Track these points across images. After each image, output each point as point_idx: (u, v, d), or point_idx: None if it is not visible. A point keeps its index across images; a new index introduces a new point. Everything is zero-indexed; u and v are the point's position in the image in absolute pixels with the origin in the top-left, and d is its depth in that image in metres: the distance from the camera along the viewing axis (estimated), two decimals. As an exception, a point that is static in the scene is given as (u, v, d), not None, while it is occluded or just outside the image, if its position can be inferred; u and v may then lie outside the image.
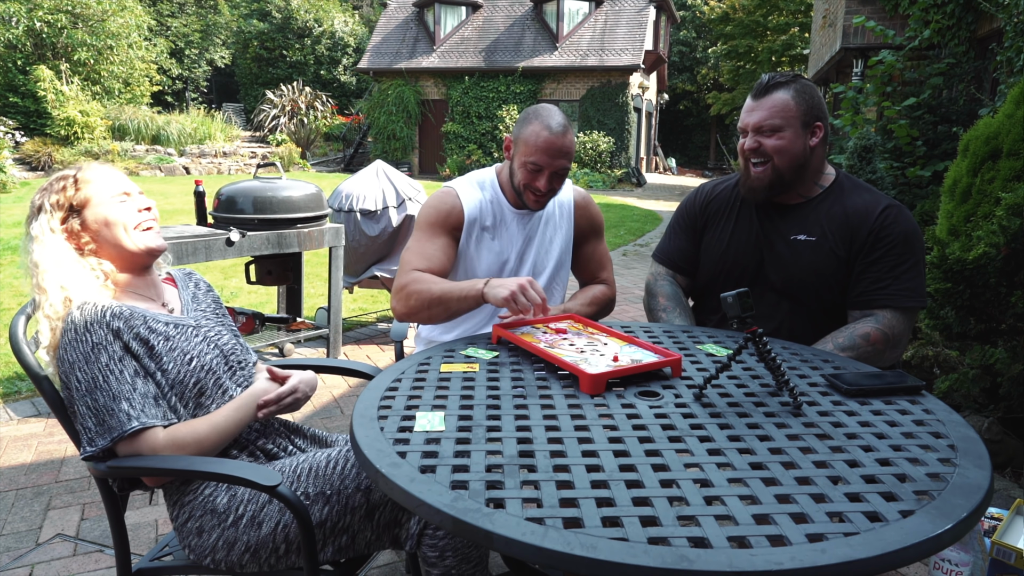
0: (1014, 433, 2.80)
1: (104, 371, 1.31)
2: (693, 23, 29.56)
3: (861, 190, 1.86)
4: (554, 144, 1.81)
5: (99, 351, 1.31)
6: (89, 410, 1.30)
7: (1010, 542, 1.87)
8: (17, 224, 8.69)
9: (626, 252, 8.42)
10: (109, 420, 1.30)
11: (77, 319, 1.32)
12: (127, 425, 1.30)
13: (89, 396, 1.30)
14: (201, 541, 1.38)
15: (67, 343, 1.32)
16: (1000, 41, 5.24)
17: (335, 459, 1.46)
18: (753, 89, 1.83)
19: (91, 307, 1.34)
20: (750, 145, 1.80)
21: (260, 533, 1.37)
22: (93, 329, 1.32)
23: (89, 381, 1.30)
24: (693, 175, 24.69)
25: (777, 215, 1.89)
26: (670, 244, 2.11)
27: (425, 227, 1.93)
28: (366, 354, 4.24)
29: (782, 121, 1.76)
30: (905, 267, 1.76)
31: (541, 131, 1.81)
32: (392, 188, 4.16)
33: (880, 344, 1.72)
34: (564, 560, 0.84)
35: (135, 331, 1.37)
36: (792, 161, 1.78)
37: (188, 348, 1.45)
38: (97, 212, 1.43)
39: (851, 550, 0.84)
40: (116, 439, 1.30)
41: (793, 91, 1.76)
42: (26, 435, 3.03)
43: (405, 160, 20.33)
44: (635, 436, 1.16)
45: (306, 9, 25.14)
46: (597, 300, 2.04)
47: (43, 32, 16.80)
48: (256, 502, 1.39)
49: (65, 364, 1.32)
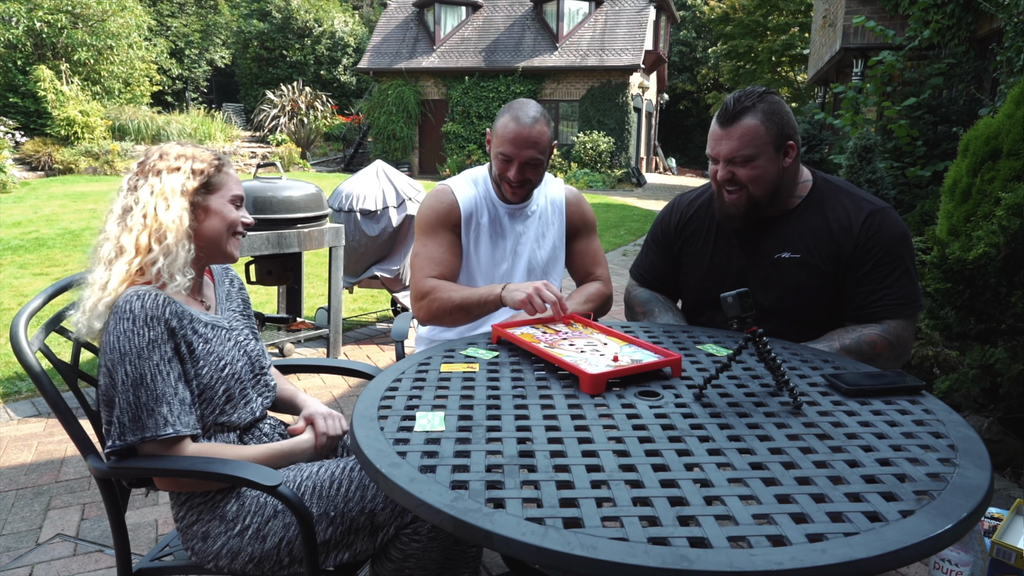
0: (1014, 433, 2.80)
1: (153, 370, 1.28)
2: (693, 23, 29.57)
3: (841, 195, 1.80)
4: (521, 134, 1.86)
5: (153, 348, 1.28)
6: (128, 405, 1.27)
7: (1010, 542, 1.87)
8: (17, 224, 8.70)
9: (626, 252, 8.42)
10: (146, 420, 1.27)
11: (136, 309, 1.28)
12: (162, 430, 1.28)
13: (132, 391, 1.27)
14: (206, 546, 1.37)
15: (122, 332, 1.27)
16: (1000, 41, 5.25)
17: (339, 479, 1.41)
18: (719, 114, 1.72)
19: (151, 299, 1.30)
20: (723, 176, 1.73)
21: (264, 547, 1.36)
22: (152, 324, 1.28)
23: (136, 377, 1.27)
24: (693, 175, 24.68)
25: (757, 233, 1.82)
26: (644, 260, 2.09)
27: (427, 229, 1.98)
28: (366, 354, 4.24)
29: (754, 150, 1.68)
30: (897, 275, 1.72)
31: (510, 122, 1.88)
32: (392, 188, 4.16)
33: (885, 352, 1.69)
34: (564, 560, 0.84)
35: (184, 332, 1.35)
36: (767, 187, 1.72)
37: (222, 353, 1.42)
38: (222, 201, 1.42)
39: (851, 550, 0.84)
40: (147, 440, 1.28)
41: (761, 115, 1.67)
42: (26, 435, 3.03)
43: (405, 160, 20.33)
44: (635, 436, 1.16)
45: (306, 9, 25.13)
46: (593, 297, 2.05)
47: (43, 32, 16.79)
48: (262, 515, 1.37)
49: (115, 353, 1.27)
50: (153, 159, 1.39)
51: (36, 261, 6.70)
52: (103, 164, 15.55)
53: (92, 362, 3.89)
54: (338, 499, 1.39)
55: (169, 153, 1.40)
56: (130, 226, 1.34)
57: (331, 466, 1.45)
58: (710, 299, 1.88)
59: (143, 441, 1.28)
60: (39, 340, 1.40)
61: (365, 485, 1.41)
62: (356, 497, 1.40)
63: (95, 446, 1.39)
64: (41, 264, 6.58)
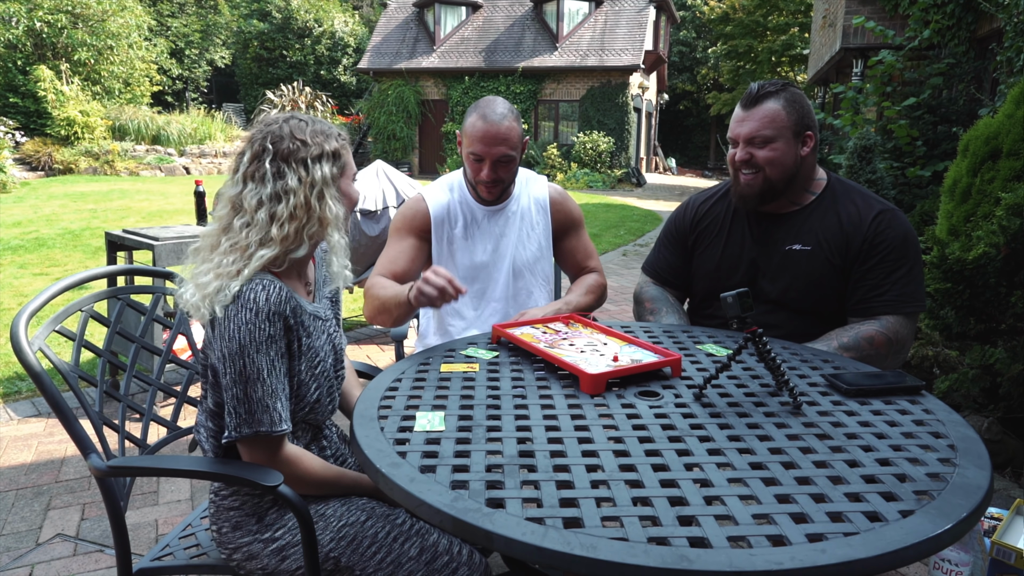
0: (1014, 433, 2.80)
1: (269, 365, 1.26)
2: (693, 23, 29.56)
3: (853, 195, 1.84)
4: (489, 132, 1.83)
5: (270, 344, 1.26)
6: (245, 397, 1.25)
7: (1010, 542, 1.87)
8: (17, 224, 8.70)
9: (626, 252, 8.41)
10: (260, 415, 1.26)
11: (261, 302, 1.25)
12: (277, 427, 1.27)
13: (249, 384, 1.25)
14: (233, 536, 1.36)
15: (243, 323, 1.24)
16: (1000, 41, 5.25)
17: (380, 543, 1.35)
18: (742, 98, 1.80)
19: (276, 293, 1.27)
20: (741, 156, 1.78)
21: (280, 566, 1.35)
22: (273, 320, 1.26)
23: (254, 371, 1.25)
24: (693, 175, 24.68)
25: (771, 225, 1.87)
26: (657, 257, 2.11)
27: (393, 232, 2.00)
28: (366, 354, 4.24)
29: (773, 132, 1.74)
30: (901, 272, 1.75)
31: (478, 121, 1.86)
32: (392, 188, 4.16)
33: (883, 348, 1.71)
34: (564, 560, 0.84)
35: (296, 329, 1.32)
36: (784, 172, 1.77)
37: (317, 348, 1.38)
38: (349, 182, 1.39)
39: (851, 550, 0.84)
40: (261, 435, 1.27)
41: (783, 100, 1.74)
42: (26, 435, 3.03)
43: (405, 160, 20.33)
44: (635, 436, 1.16)
45: (306, 9, 25.14)
46: (593, 288, 2.05)
47: (43, 32, 16.79)
48: (292, 536, 1.35)
49: (234, 343, 1.24)
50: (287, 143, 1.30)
51: (36, 261, 6.70)
52: (103, 164, 15.54)
53: (92, 362, 3.89)
54: (370, 563, 1.33)
55: (306, 134, 1.32)
56: (280, 218, 1.29)
57: (380, 526, 1.38)
58: (720, 290, 1.90)
59: (257, 436, 1.27)
60: (40, 340, 1.40)
61: (400, 563, 1.34)
62: (387, 568, 1.34)
63: (95, 446, 1.39)
64: (41, 264, 6.58)
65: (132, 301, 1.64)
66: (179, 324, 1.73)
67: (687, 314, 2.06)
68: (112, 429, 1.50)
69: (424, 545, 1.36)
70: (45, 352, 1.39)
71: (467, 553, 1.38)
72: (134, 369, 1.60)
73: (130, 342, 1.62)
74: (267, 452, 1.30)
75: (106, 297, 1.60)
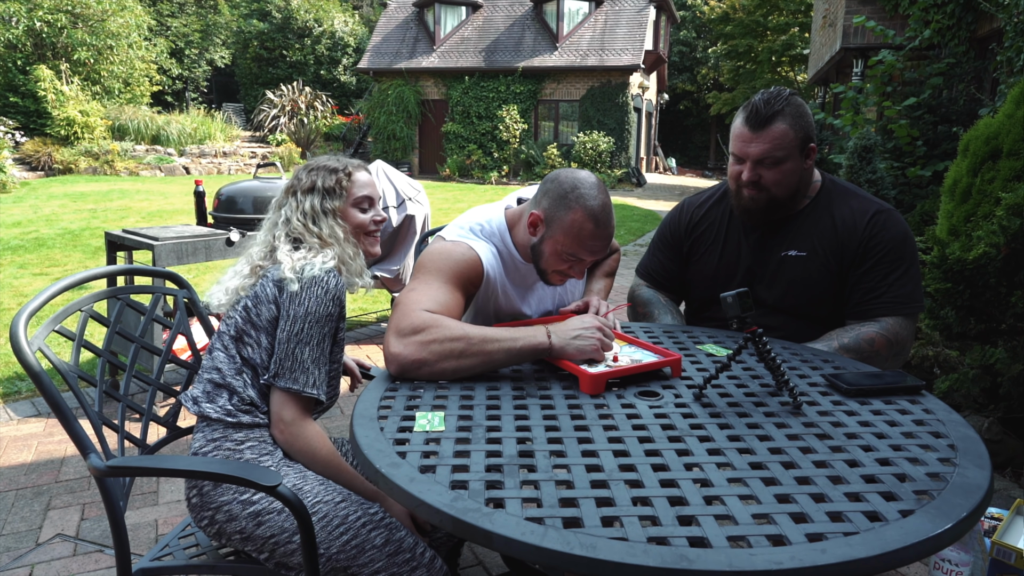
0: (1014, 433, 2.80)
1: (319, 337, 1.46)
2: (693, 23, 29.56)
3: (848, 196, 1.83)
4: (600, 236, 1.55)
5: (328, 321, 1.46)
6: (292, 355, 1.43)
7: (1010, 542, 1.87)
8: (17, 224, 8.70)
9: (626, 252, 8.42)
10: (299, 375, 1.43)
11: (331, 285, 1.46)
12: (310, 388, 1.44)
13: (300, 345, 1.43)
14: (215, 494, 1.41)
15: (315, 296, 1.44)
16: (1000, 41, 5.25)
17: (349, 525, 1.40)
18: (748, 117, 1.71)
19: (343, 283, 1.50)
20: (749, 177, 1.74)
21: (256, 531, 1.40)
22: (336, 302, 1.47)
23: (307, 336, 1.44)
24: (693, 175, 24.68)
25: (766, 231, 1.86)
26: (651, 259, 2.10)
27: (437, 273, 1.58)
28: (366, 354, 4.24)
29: (784, 153, 1.71)
30: (898, 274, 1.74)
31: (585, 223, 1.52)
32: (392, 188, 4.16)
33: (884, 350, 1.71)
34: (564, 560, 0.84)
35: (340, 320, 1.52)
36: (790, 189, 1.76)
37: (342, 341, 1.57)
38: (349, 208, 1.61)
39: (851, 550, 0.84)
40: (293, 392, 1.44)
41: (790, 118, 1.69)
42: (26, 435, 3.03)
43: (405, 160, 20.34)
44: (635, 436, 1.16)
45: (306, 9, 25.12)
46: (611, 266, 1.98)
47: (43, 32, 16.79)
48: (271, 502, 1.40)
49: (302, 307, 1.43)
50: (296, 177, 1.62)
51: (36, 261, 6.70)
52: (103, 164, 15.55)
53: (92, 362, 3.89)
54: (334, 541, 1.37)
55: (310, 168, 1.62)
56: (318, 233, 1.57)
57: (353, 510, 1.41)
58: (717, 296, 1.89)
59: (289, 391, 1.44)
60: (39, 340, 1.40)
61: (363, 549, 1.38)
62: (350, 551, 1.37)
63: (95, 446, 1.39)
64: (41, 264, 6.58)
65: (132, 301, 1.64)
66: (179, 324, 1.73)
67: (684, 318, 2.05)
68: (112, 429, 1.50)
69: (390, 538, 1.41)
70: (45, 352, 1.39)
71: (430, 557, 1.42)
72: (134, 369, 1.60)
73: (130, 342, 1.62)
74: (296, 408, 1.45)
75: (106, 297, 1.60)
